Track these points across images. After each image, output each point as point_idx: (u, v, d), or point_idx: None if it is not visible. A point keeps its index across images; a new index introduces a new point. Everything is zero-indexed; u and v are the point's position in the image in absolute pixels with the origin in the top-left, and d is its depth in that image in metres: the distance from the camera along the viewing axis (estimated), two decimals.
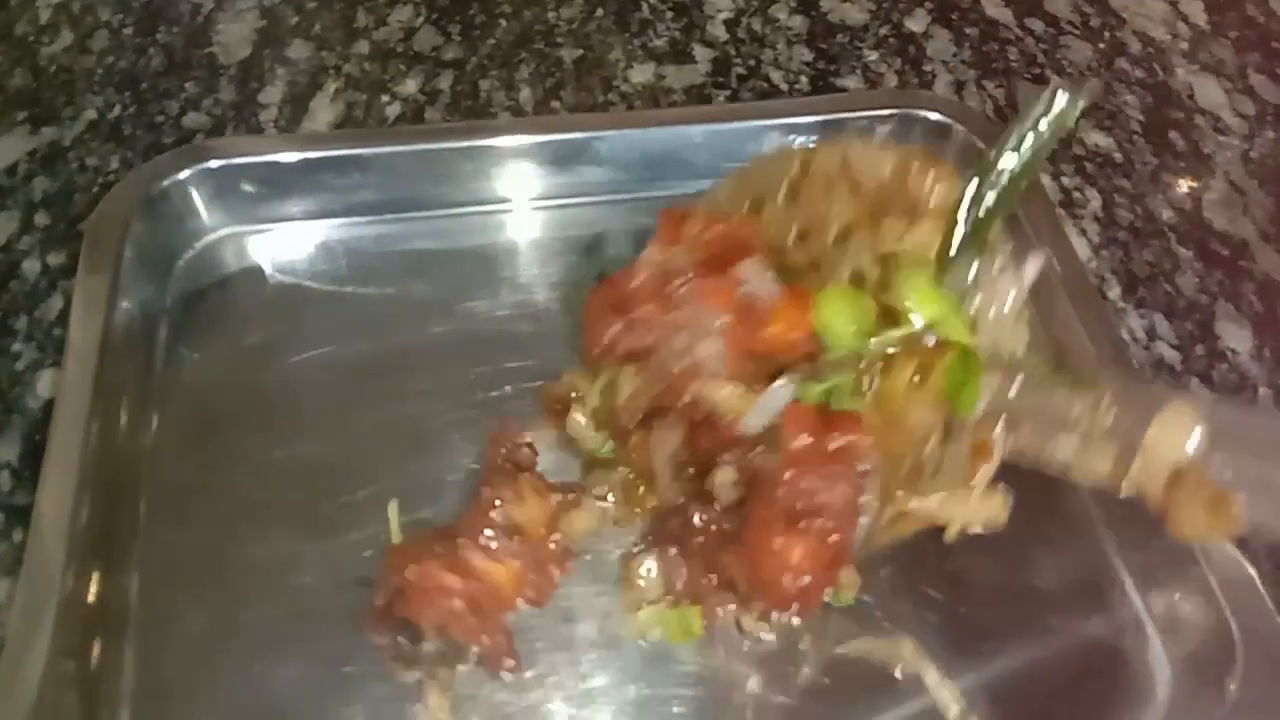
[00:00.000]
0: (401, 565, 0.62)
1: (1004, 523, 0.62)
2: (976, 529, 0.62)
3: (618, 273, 0.66)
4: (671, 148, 0.88)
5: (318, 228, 0.86)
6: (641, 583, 0.65)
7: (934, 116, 0.89)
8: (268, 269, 0.84)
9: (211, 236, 0.85)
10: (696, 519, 0.63)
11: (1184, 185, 0.97)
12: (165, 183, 0.81)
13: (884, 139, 0.90)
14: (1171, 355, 0.84)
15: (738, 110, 0.95)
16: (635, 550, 0.68)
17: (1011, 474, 0.72)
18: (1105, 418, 0.58)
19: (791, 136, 0.88)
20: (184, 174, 0.82)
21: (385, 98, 0.98)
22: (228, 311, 0.81)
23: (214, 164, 0.83)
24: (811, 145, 0.71)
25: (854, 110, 0.91)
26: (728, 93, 1.00)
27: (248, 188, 0.84)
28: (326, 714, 0.63)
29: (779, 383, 0.61)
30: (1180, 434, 0.56)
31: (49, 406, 0.75)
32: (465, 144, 0.85)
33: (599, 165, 0.87)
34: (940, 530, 0.69)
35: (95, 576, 0.65)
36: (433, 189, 0.86)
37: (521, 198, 0.88)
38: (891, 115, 0.90)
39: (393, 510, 0.68)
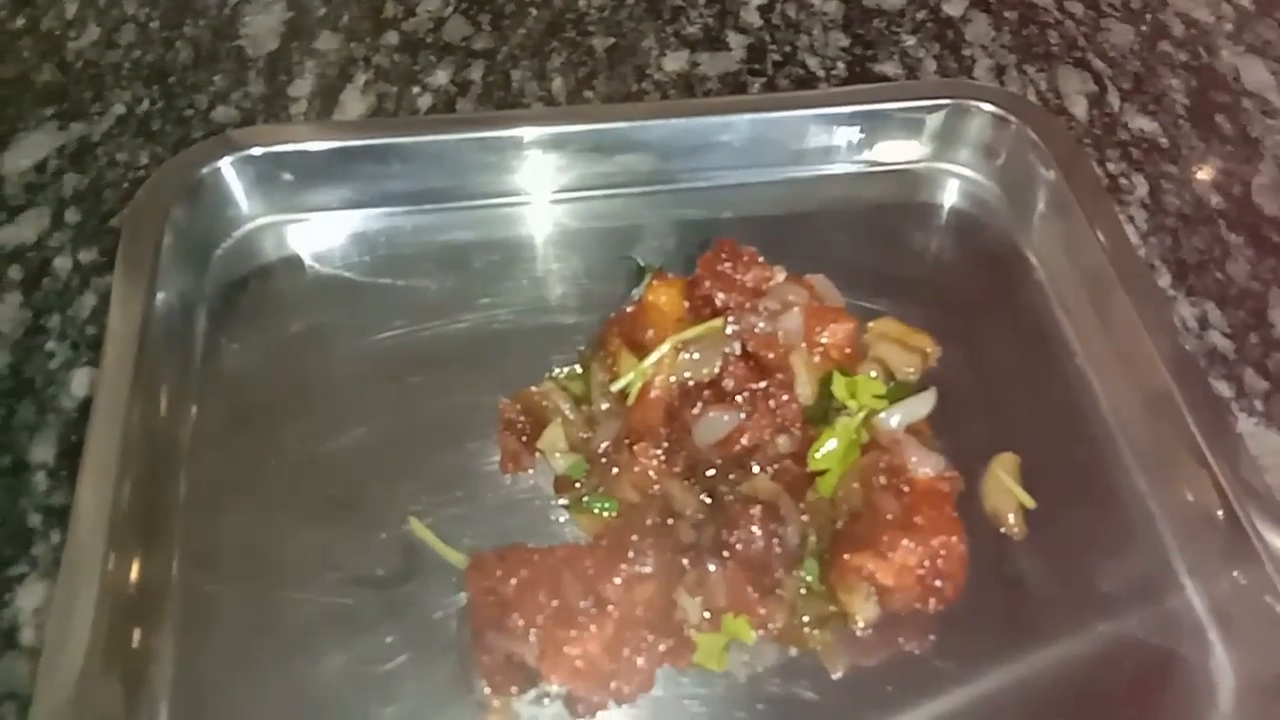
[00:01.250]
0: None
1: None
2: None
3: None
4: (712, 137, 0.86)
5: (355, 217, 0.85)
6: (684, 610, 0.64)
7: (986, 107, 0.86)
8: (305, 259, 0.83)
9: (249, 226, 0.84)
10: (741, 532, 0.63)
11: (1232, 169, 0.94)
12: (203, 171, 0.80)
13: (934, 129, 0.88)
14: (1224, 344, 0.82)
15: (783, 100, 0.93)
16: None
17: (1068, 472, 0.72)
18: None
19: (835, 127, 0.87)
20: (221, 162, 0.81)
21: (416, 89, 0.97)
22: (266, 301, 0.80)
23: (251, 152, 0.81)
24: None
25: (902, 100, 0.88)
26: (763, 80, 0.99)
27: (285, 176, 0.83)
28: (366, 711, 0.62)
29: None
30: None
31: (85, 406, 0.74)
32: (501, 134, 0.84)
33: (636, 154, 0.85)
34: (1000, 532, 0.69)
35: (135, 566, 0.64)
36: (471, 179, 0.85)
37: (556, 189, 0.86)
38: (941, 106, 0.87)
39: (418, 528, 0.68)
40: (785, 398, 0.68)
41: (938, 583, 0.62)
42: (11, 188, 0.88)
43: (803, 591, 0.64)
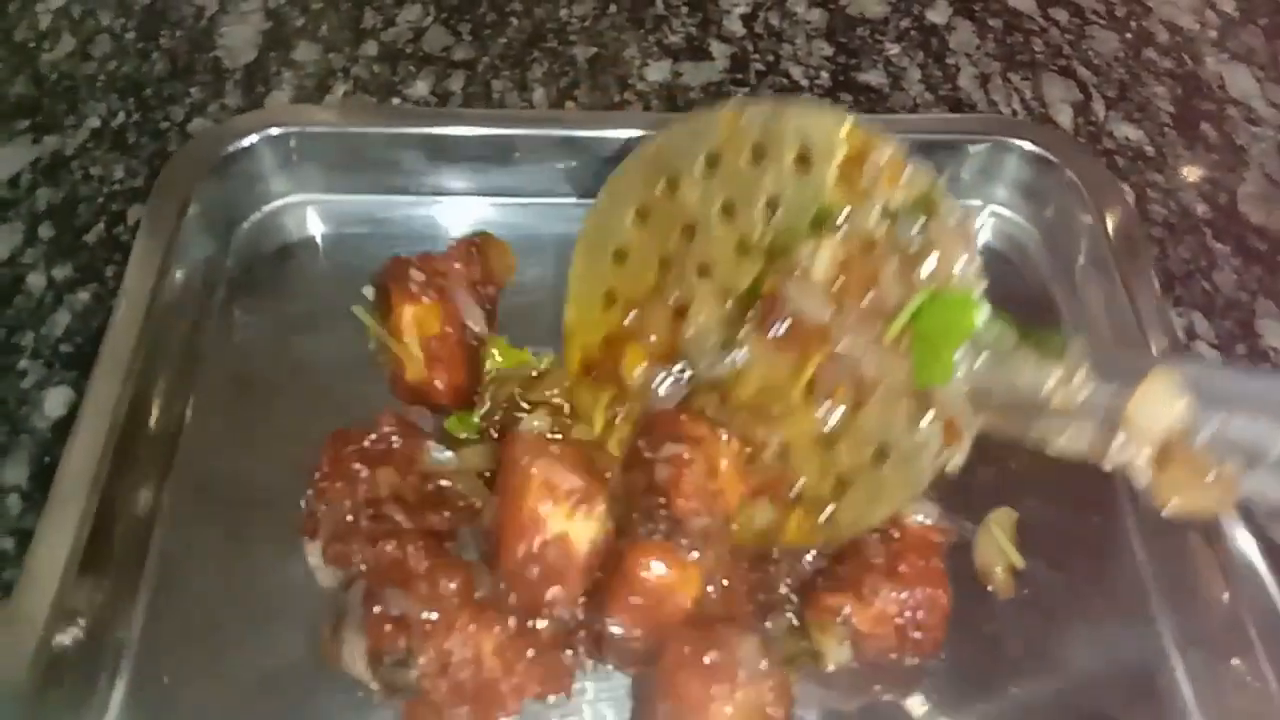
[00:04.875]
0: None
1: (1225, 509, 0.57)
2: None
3: None
4: None
5: (380, 203, 0.85)
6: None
7: (1028, 146, 0.84)
8: (328, 240, 0.84)
9: (277, 203, 0.85)
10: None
11: (1218, 178, 0.94)
12: (236, 146, 0.81)
13: (974, 174, 0.85)
14: (1211, 355, 0.82)
15: None
16: None
17: (1067, 535, 0.70)
18: (1081, 391, 0.55)
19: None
20: (254, 138, 0.81)
21: (396, 100, 0.96)
22: (285, 279, 0.81)
23: (283, 130, 0.82)
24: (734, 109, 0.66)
25: (940, 133, 0.86)
26: (746, 90, 0.98)
27: (316, 157, 0.84)
28: (319, 690, 0.62)
29: None
30: (1165, 404, 0.52)
31: (58, 426, 0.73)
32: (532, 132, 0.84)
33: None
34: (987, 589, 0.67)
35: (115, 522, 0.65)
36: (501, 175, 0.85)
37: (579, 190, 0.85)
38: (980, 142, 0.85)
39: None
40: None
41: (916, 634, 0.61)
42: None
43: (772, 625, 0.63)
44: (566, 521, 0.59)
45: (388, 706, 0.61)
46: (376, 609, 0.59)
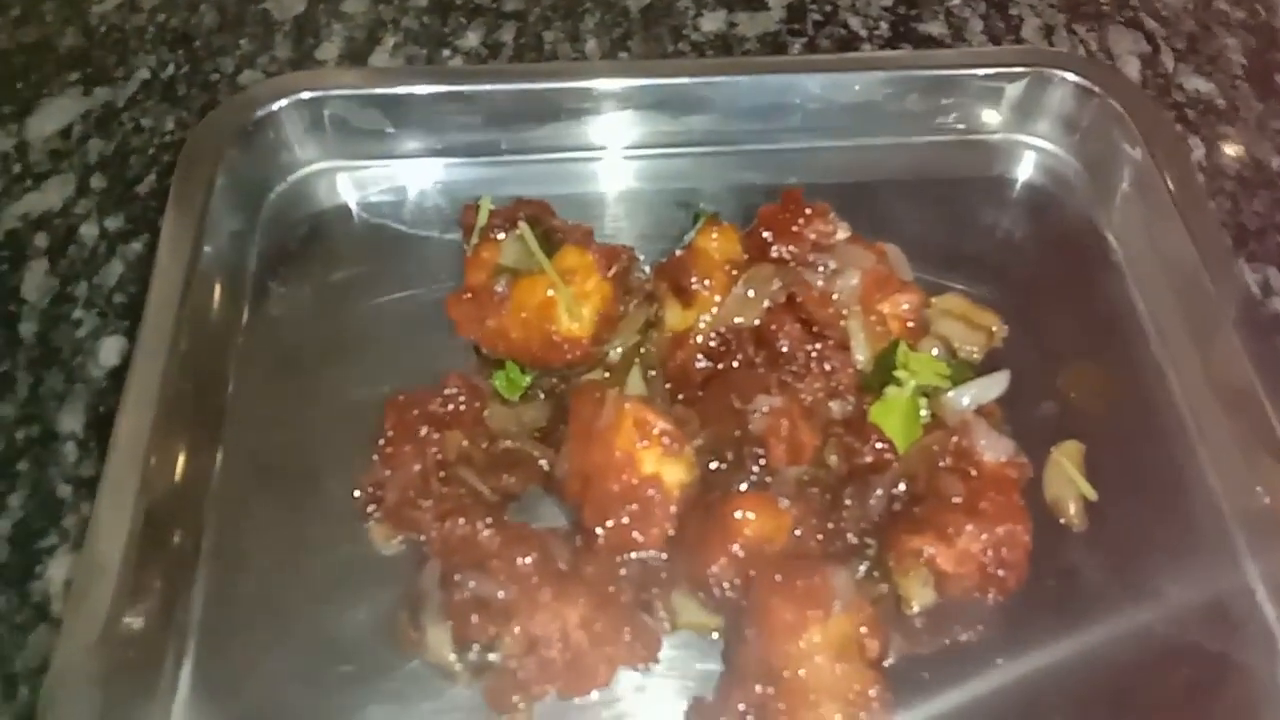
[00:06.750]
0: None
1: None
2: None
3: None
4: (779, 98, 0.83)
5: (410, 167, 0.83)
6: None
7: (1071, 78, 0.82)
8: (357, 207, 0.82)
9: (304, 170, 0.83)
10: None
11: None
12: (260, 113, 0.79)
13: (1013, 99, 0.84)
14: None
15: (853, 60, 0.90)
16: None
17: (1135, 465, 0.69)
18: None
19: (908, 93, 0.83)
20: (278, 104, 0.79)
21: (446, 51, 0.94)
22: (317, 247, 0.80)
23: (307, 95, 0.80)
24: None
25: (981, 66, 0.84)
26: (804, 40, 0.95)
27: (340, 122, 0.81)
28: (388, 662, 0.60)
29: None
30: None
31: (114, 374, 0.73)
32: (565, 85, 0.82)
33: (700, 114, 0.83)
34: (1059, 523, 0.66)
35: (170, 504, 0.63)
36: (532, 131, 0.83)
37: (620, 145, 0.84)
38: (1022, 74, 0.83)
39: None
40: (841, 361, 0.65)
41: (1000, 572, 0.60)
42: (36, 154, 0.86)
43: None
44: (658, 463, 0.59)
45: (469, 685, 0.59)
46: (457, 596, 0.57)
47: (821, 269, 0.67)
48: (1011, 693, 0.60)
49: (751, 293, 0.66)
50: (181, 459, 0.66)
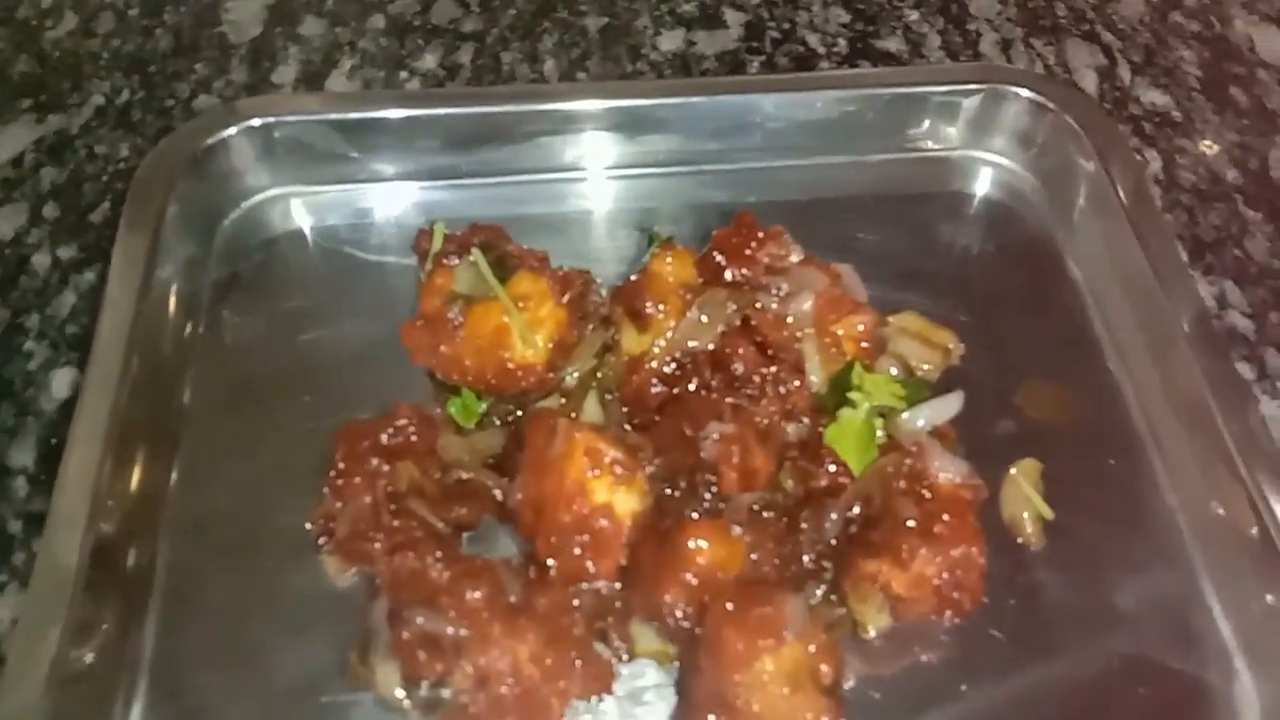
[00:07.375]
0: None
1: None
2: None
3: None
4: (738, 118, 0.83)
5: (367, 192, 0.83)
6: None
7: (1026, 94, 0.83)
8: (312, 233, 0.81)
9: (258, 197, 0.82)
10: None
11: (1249, 143, 0.91)
12: (210, 140, 0.78)
13: (970, 115, 0.84)
14: (1245, 324, 0.79)
15: (813, 80, 0.90)
16: None
17: (1092, 482, 0.69)
18: None
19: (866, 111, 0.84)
20: (229, 131, 0.79)
21: (404, 73, 0.94)
22: (271, 275, 0.79)
23: (258, 121, 0.79)
24: None
25: (937, 83, 0.84)
26: (762, 58, 0.95)
27: (294, 147, 0.81)
28: (342, 699, 0.60)
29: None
30: None
31: (66, 407, 0.72)
32: (524, 108, 0.82)
33: (658, 134, 0.83)
34: (1017, 542, 0.66)
35: (121, 537, 0.63)
36: (490, 154, 0.82)
37: (576, 167, 0.84)
38: (978, 90, 0.83)
39: None
40: (796, 384, 0.65)
41: (955, 594, 0.60)
42: None
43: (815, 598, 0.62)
44: (610, 491, 0.59)
45: None
46: (405, 634, 0.56)
47: (775, 291, 0.67)
48: (970, 715, 0.60)
49: (705, 317, 0.66)
50: (132, 492, 0.65)
